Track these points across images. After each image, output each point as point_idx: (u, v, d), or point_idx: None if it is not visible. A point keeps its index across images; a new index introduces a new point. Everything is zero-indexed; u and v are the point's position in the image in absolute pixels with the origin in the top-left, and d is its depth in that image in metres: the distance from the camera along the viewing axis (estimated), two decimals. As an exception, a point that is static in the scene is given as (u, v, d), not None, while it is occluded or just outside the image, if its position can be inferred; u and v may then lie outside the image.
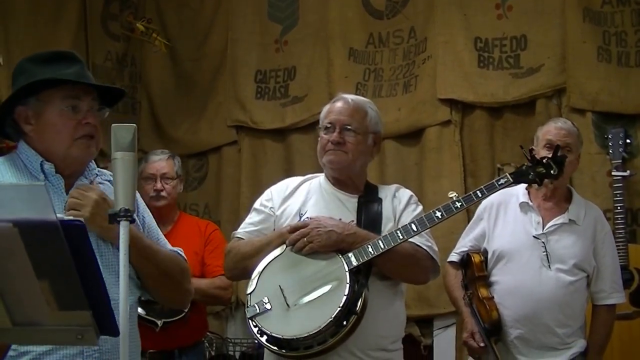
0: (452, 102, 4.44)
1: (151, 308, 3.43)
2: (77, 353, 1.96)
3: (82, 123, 2.05)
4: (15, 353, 1.90)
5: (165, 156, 3.84)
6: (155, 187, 3.72)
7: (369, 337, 2.55)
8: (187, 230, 3.77)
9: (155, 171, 3.76)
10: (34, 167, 2.07)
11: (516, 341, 3.12)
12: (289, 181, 2.85)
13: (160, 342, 3.50)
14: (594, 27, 4.16)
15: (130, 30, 5.28)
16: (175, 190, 3.80)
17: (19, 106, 2.06)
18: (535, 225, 3.17)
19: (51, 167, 2.06)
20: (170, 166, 3.80)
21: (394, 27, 4.71)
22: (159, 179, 3.74)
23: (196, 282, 3.57)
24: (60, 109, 2.04)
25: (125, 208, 1.75)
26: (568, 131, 3.22)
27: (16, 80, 2.09)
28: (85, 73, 2.11)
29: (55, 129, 2.05)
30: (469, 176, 4.39)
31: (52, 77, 2.03)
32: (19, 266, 1.35)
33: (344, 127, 2.70)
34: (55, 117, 2.04)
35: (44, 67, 2.07)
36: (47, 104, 2.04)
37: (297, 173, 3.01)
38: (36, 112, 2.05)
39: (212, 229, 3.83)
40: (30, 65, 2.08)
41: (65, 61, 2.09)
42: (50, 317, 1.39)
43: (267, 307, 2.51)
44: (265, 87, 5.05)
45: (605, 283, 3.19)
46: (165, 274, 2.18)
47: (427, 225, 2.60)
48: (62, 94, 2.04)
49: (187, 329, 3.62)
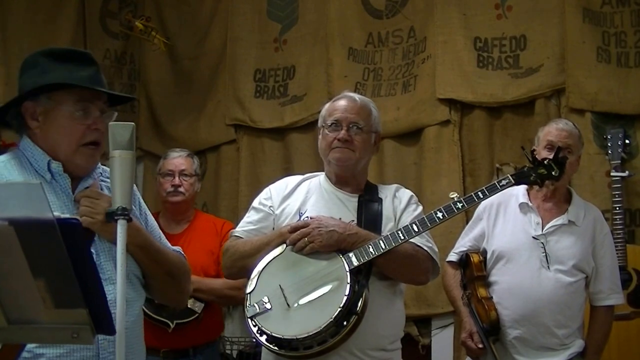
0: (451, 102, 4.44)
1: (163, 309, 3.45)
2: (93, 355, 1.94)
3: (92, 128, 2.03)
4: (30, 355, 1.89)
5: (185, 153, 3.89)
6: (173, 182, 3.75)
7: (368, 337, 2.54)
8: (203, 229, 3.78)
9: (174, 167, 3.79)
10: (39, 166, 2.04)
11: (515, 341, 3.12)
12: (288, 180, 2.84)
13: (174, 342, 3.52)
14: (594, 27, 4.16)
15: (129, 28, 5.27)
16: (193, 188, 3.81)
17: (28, 101, 2.04)
18: (534, 226, 3.17)
19: (59, 166, 2.04)
20: (189, 163, 3.83)
21: (394, 27, 4.70)
22: (177, 174, 3.77)
23: (210, 282, 3.59)
24: (71, 111, 2.02)
25: (123, 207, 1.74)
26: (569, 132, 3.21)
27: (26, 73, 2.06)
28: (99, 77, 2.08)
29: (64, 131, 2.02)
30: (467, 176, 4.39)
31: (67, 81, 2.01)
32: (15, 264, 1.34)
33: (352, 124, 2.70)
34: (65, 120, 2.02)
35: (59, 65, 2.04)
36: (58, 104, 2.02)
37: (295, 172, 3.00)
38: (45, 110, 2.03)
39: (229, 228, 3.81)
40: (44, 60, 2.05)
41: (81, 62, 2.07)
42: (46, 316, 1.38)
43: (267, 306, 2.50)
44: (264, 86, 5.05)
45: (604, 284, 3.19)
46: (172, 275, 2.19)
47: (429, 226, 2.60)
48: (75, 97, 2.02)
49: (200, 329, 3.62)
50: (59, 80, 2.01)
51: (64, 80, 2.01)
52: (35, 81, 2.02)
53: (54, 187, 2.03)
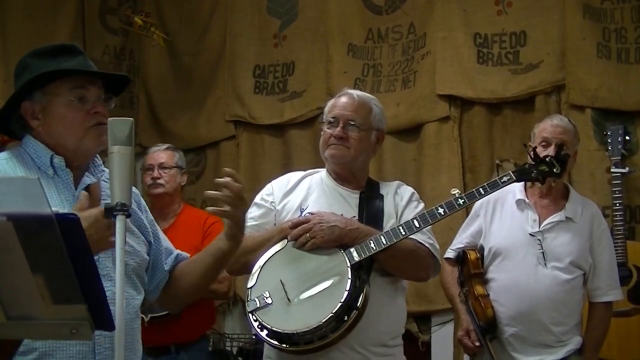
0: (451, 98, 4.43)
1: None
2: (89, 350, 1.93)
3: (92, 113, 2.02)
4: (25, 349, 1.88)
5: (164, 147, 3.91)
6: (152, 175, 3.75)
7: (370, 333, 2.54)
8: (188, 224, 3.77)
9: (153, 161, 3.83)
10: (42, 162, 2.03)
11: (511, 339, 3.11)
12: (290, 176, 2.84)
13: (153, 337, 3.47)
14: (594, 23, 4.15)
15: (128, 24, 5.26)
16: (175, 180, 3.81)
17: (25, 102, 2.03)
18: (531, 223, 3.16)
19: (61, 160, 2.03)
20: (169, 156, 3.83)
21: (393, 23, 4.70)
22: (156, 168, 3.80)
23: None
24: (67, 100, 2.01)
25: (122, 202, 1.73)
26: (564, 128, 3.19)
27: (19, 77, 2.06)
28: (88, 63, 2.08)
29: (65, 121, 2.02)
30: (467, 172, 4.38)
31: (56, 68, 2.01)
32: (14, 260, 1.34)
33: (348, 122, 2.70)
34: (63, 110, 2.01)
35: (47, 61, 2.04)
36: (53, 96, 2.02)
37: (295, 168, 3.00)
38: (43, 106, 2.02)
39: (212, 221, 3.78)
40: (33, 61, 2.05)
41: (67, 53, 2.07)
42: (45, 312, 1.38)
43: (268, 301, 2.50)
44: (263, 82, 5.04)
45: (601, 280, 3.18)
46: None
47: (430, 222, 2.60)
48: (68, 86, 2.02)
49: (182, 325, 3.58)
50: (48, 69, 2.01)
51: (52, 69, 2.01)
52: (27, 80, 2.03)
53: (56, 182, 2.02)
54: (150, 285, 2.20)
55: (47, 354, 1.91)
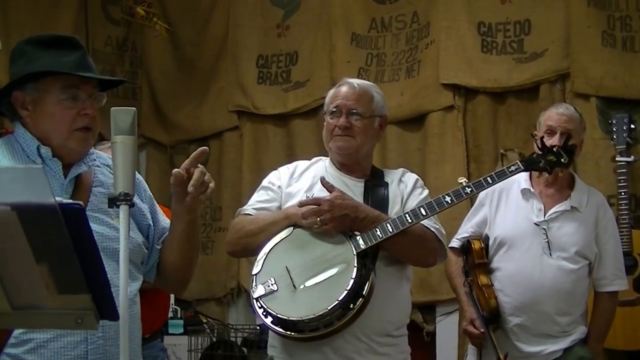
0: (455, 87, 4.42)
1: None
2: (81, 340, 1.94)
3: (81, 114, 2.02)
4: (17, 340, 1.88)
5: (106, 146, 3.83)
6: None
7: (374, 323, 2.53)
8: None
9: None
10: (31, 151, 2.04)
11: (515, 329, 3.10)
12: (298, 163, 2.84)
13: None
14: (599, 11, 4.13)
15: (130, 14, 5.25)
16: None
17: (16, 91, 2.03)
18: (536, 213, 3.14)
19: (48, 151, 2.03)
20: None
21: (397, 12, 4.68)
22: None
23: None
24: (59, 98, 2.01)
25: (125, 192, 1.72)
26: (569, 117, 3.16)
27: (14, 62, 2.06)
28: (86, 60, 2.07)
29: (53, 119, 2.01)
30: (472, 161, 4.38)
31: (51, 68, 2.00)
32: (18, 250, 1.33)
33: (351, 111, 2.69)
34: (53, 107, 2.01)
35: (44, 52, 2.03)
36: (45, 92, 2.01)
37: (299, 158, 2.99)
38: (34, 99, 2.02)
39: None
40: (30, 49, 2.04)
41: (66, 47, 2.05)
42: (49, 301, 1.37)
43: (274, 288, 2.49)
44: (267, 72, 5.03)
45: (607, 270, 3.16)
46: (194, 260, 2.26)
47: (437, 210, 2.59)
48: (62, 84, 2.01)
49: None
50: (43, 68, 2.00)
51: (48, 67, 2.00)
52: (21, 70, 2.02)
53: (45, 172, 2.02)
54: (147, 267, 2.21)
55: (41, 346, 1.91)
